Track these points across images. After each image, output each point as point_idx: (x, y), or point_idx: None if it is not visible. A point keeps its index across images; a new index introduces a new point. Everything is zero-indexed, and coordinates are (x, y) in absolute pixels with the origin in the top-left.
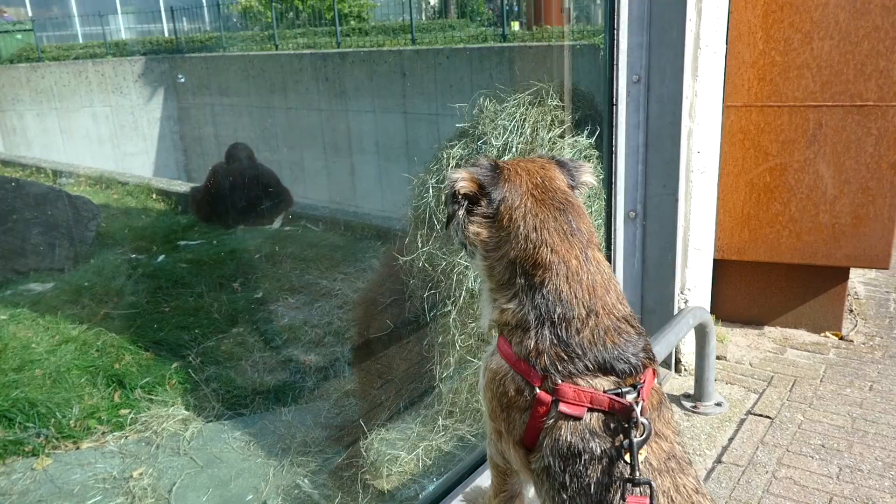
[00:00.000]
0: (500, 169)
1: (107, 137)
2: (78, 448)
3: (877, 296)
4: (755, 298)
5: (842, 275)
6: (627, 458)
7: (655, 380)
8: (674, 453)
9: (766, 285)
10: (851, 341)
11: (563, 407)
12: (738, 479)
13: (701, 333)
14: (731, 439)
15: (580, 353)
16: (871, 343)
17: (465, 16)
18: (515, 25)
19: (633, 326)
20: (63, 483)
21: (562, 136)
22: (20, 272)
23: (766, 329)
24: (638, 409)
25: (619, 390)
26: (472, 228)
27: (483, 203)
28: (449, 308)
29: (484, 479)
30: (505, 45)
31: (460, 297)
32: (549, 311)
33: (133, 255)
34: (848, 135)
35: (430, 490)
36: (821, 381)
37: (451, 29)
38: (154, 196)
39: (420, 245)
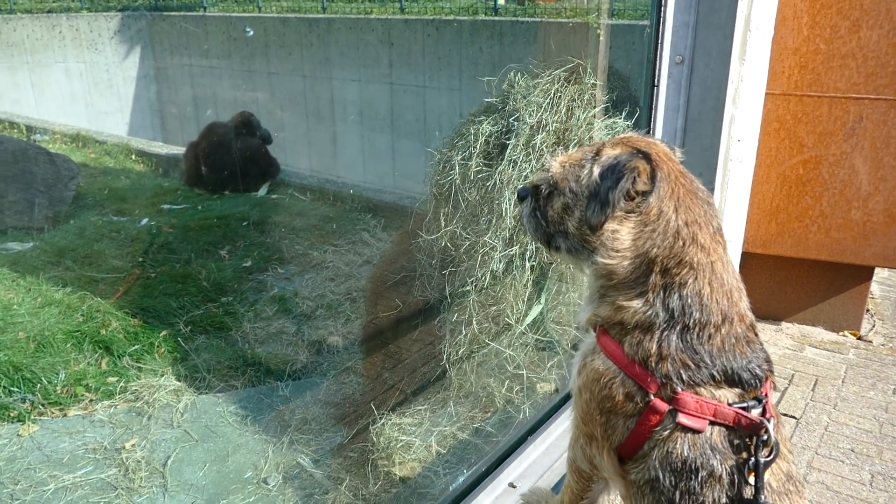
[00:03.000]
0: (648, 155)
1: (80, 95)
2: (65, 415)
3: (892, 296)
4: (774, 293)
5: (865, 274)
6: (751, 478)
7: (772, 391)
8: (791, 473)
9: (787, 280)
10: (870, 342)
11: (682, 418)
12: None
13: None
14: None
15: (708, 361)
16: (891, 345)
17: None
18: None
19: (756, 335)
20: (51, 451)
21: (595, 117)
22: None
23: (784, 325)
24: (772, 427)
25: (745, 404)
26: (611, 226)
27: (636, 198)
28: (468, 288)
29: (511, 473)
30: (496, 19)
31: (483, 278)
32: (685, 314)
33: (115, 218)
34: (889, 130)
35: (460, 481)
36: (843, 381)
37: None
38: (133, 157)
39: (443, 224)
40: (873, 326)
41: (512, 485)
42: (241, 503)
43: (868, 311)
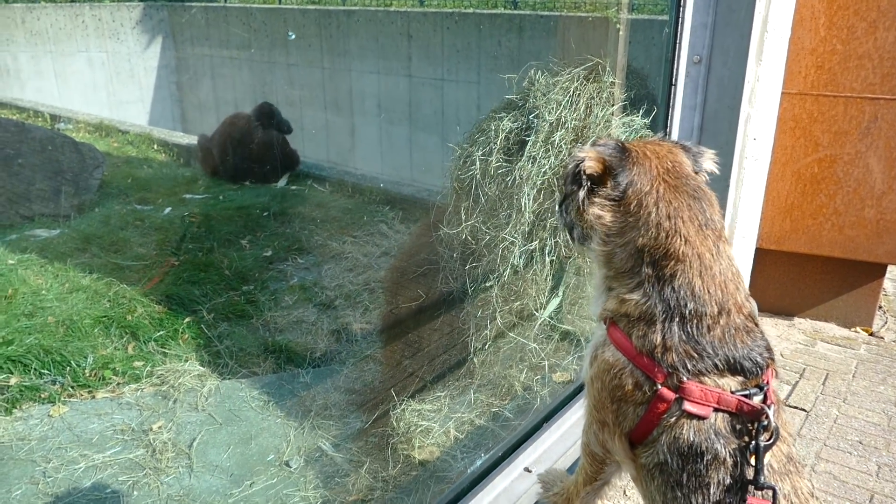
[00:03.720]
0: (628, 150)
1: (102, 84)
2: (94, 398)
3: None
4: (787, 289)
5: (878, 271)
6: (753, 460)
7: (774, 379)
8: (791, 455)
9: (800, 276)
10: (882, 338)
11: (688, 406)
12: None
13: None
14: None
15: (711, 351)
16: None
17: None
18: None
19: (756, 324)
20: (81, 432)
21: (613, 115)
22: (26, 217)
23: (796, 320)
24: (772, 413)
25: (747, 391)
26: (594, 211)
27: (608, 185)
28: (492, 283)
29: (526, 458)
30: (516, 12)
31: (504, 272)
32: (680, 305)
33: (138, 206)
34: None
35: (477, 465)
36: (853, 376)
37: None
38: (155, 147)
39: (464, 218)
40: (885, 323)
41: (527, 469)
42: (263, 484)
43: (880, 307)
